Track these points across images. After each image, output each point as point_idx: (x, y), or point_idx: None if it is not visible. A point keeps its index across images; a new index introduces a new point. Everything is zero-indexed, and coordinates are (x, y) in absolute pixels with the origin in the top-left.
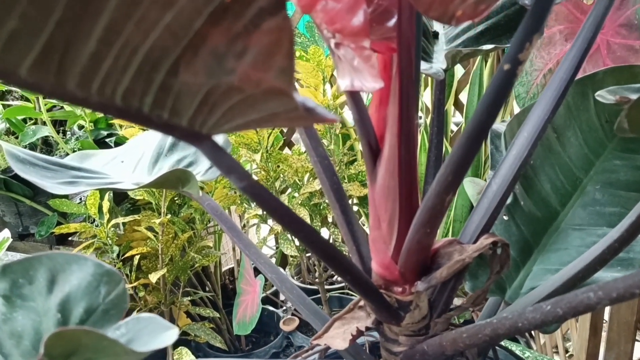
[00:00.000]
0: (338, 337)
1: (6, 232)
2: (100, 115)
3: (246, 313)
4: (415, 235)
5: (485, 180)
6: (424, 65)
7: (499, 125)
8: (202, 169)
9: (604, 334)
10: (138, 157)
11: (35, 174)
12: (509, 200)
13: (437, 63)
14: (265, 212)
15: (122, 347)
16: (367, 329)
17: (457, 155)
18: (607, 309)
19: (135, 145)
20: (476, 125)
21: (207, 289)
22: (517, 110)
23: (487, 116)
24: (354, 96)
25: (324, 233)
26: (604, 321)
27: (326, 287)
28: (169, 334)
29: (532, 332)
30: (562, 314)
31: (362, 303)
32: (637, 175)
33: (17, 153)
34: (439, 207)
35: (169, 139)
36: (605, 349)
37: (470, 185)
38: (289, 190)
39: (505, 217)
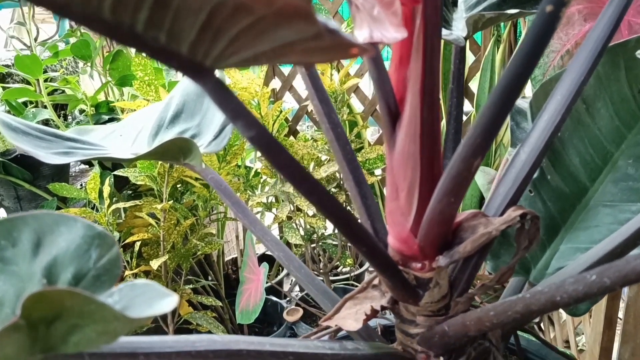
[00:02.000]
0: (350, 318)
1: (2, 212)
2: (102, 99)
3: (249, 301)
4: (438, 205)
5: (496, 169)
6: (443, 32)
7: (520, 101)
8: (205, 141)
9: (618, 327)
10: (138, 130)
11: (29, 143)
12: (534, 175)
13: (457, 31)
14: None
15: (112, 311)
16: (382, 308)
17: (488, 114)
18: (624, 300)
19: (135, 119)
20: (511, 78)
21: (210, 277)
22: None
23: (524, 68)
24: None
25: (330, 223)
26: (619, 318)
27: (331, 278)
28: (168, 301)
29: (542, 325)
30: (610, 284)
31: (376, 282)
32: None
33: (8, 121)
34: (466, 174)
35: (170, 112)
36: (620, 342)
37: (480, 175)
38: None
39: (530, 193)
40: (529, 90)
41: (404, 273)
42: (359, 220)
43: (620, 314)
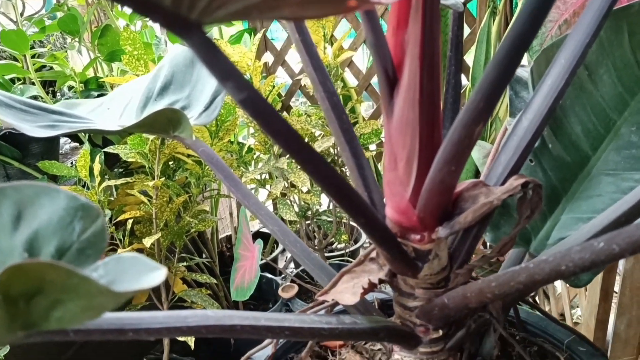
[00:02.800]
0: (347, 292)
1: None
2: (91, 75)
3: (244, 279)
4: (438, 174)
5: (491, 143)
6: None
7: (519, 70)
8: (196, 112)
9: (614, 300)
10: (125, 102)
11: (13, 116)
12: (535, 145)
13: None
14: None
15: (96, 285)
16: (380, 281)
17: (490, 77)
18: (620, 273)
19: (123, 92)
20: (516, 36)
21: (204, 255)
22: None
23: (530, 25)
24: (370, 15)
25: (325, 199)
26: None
27: (326, 254)
28: (156, 275)
29: (537, 298)
30: (619, 251)
31: (373, 255)
32: None
33: None
34: (467, 141)
35: (159, 83)
36: (616, 314)
37: (475, 149)
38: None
39: (531, 162)
40: (524, 61)
41: (403, 245)
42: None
43: (616, 287)
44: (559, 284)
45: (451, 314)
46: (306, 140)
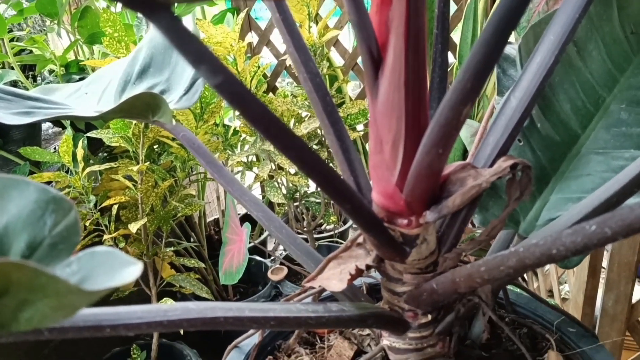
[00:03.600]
0: (334, 278)
1: None
2: (72, 58)
3: (232, 262)
4: (425, 157)
5: (479, 122)
6: None
7: (507, 47)
8: (176, 96)
9: (602, 276)
10: (103, 87)
11: None
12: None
13: None
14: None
15: (66, 284)
16: (368, 267)
17: (478, 56)
18: (608, 249)
19: (101, 75)
20: (504, 12)
21: (192, 239)
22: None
23: (518, 1)
24: None
25: (314, 184)
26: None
27: (315, 236)
28: (131, 271)
29: (525, 275)
30: (612, 235)
31: (360, 240)
32: None
33: None
34: (454, 122)
35: (137, 66)
36: (604, 290)
37: (463, 128)
38: None
39: (519, 142)
40: (512, 38)
41: (390, 230)
42: (342, 177)
43: (604, 263)
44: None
45: (440, 299)
46: (292, 121)
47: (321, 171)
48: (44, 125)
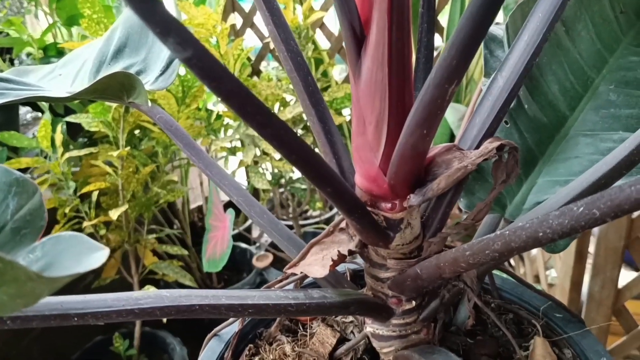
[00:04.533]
0: (316, 264)
1: None
2: (50, 41)
3: (216, 250)
4: (409, 138)
5: (466, 106)
6: None
7: (493, 28)
8: (152, 77)
9: (589, 261)
10: (78, 68)
11: None
12: (511, 104)
13: None
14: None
15: (25, 271)
16: (350, 253)
17: (465, 31)
18: (594, 234)
19: (76, 56)
20: None
21: (175, 226)
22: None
23: None
24: None
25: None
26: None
27: (300, 222)
28: (97, 256)
29: (511, 260)
30: (600, 216)
31: (343, 225)
32: None
33: None
34: (440, 102)
35: (113, 46)
36: (591, 275)
37: (450, 112)
38: None
39: (506, 124)
40: (499, 18)
41: (373, 214)
42: (324, 158)
43: (591, 249)
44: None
45: (424, 285)
46: (277, 105)
47: (300, 152)
48: (22, 111)
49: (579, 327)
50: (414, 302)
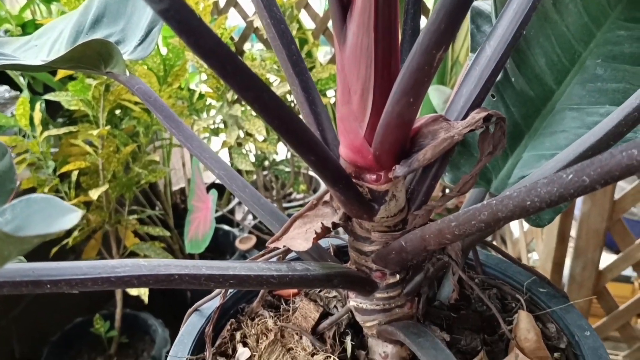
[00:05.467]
0: (299, 238)
1: None
2: (29, 18)
3: (198, 231)
4: (395, 106)
5: (452, 88)
6: None
7: (480, 2)
8: (131, 46)
9: (570, 245)
10: (54, 38)
11: None
12: (498, 77)
13: None
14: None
15: None
16: (334, 225)
17: None
18: (577, 218)
19: (52, 27)
20: None
21: (157, 208)
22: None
23: None
24: None
25: (282, 148)
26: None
27: (284, 204)
28: (70, 218)
29: (494, 242)
30: (590, 183)
31: (327, 197)
32: None
33: None
34: (427, 69)
35: (90, 15)
36: (572, 257)
37: (435, 94)
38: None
39: (493, 97)
40: None
41: (358, 186)
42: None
43: (573, 233)
44: (516, 229)
45: (409, 258)
46: None
47: (283, 117)
48: (0, 89)
49: (562, 302)
50: (398, 276)
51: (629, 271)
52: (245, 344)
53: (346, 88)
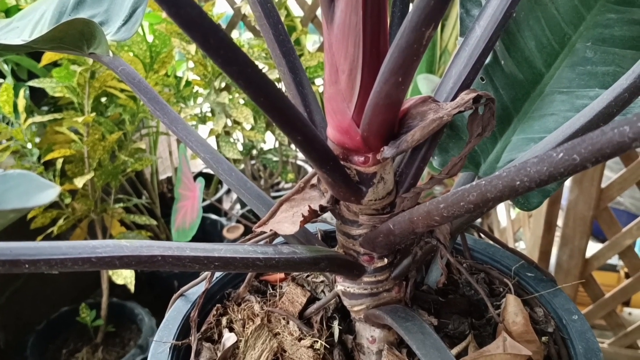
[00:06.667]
0: (286, 221)
1: None
2: (12, 3)
3: (185, 219)
4: (383, 86)
5: (440, 76)
6: None
7: None
8: (114, 27)
9: (557, 234)
10: (36, 20)
11: None
12: (487, 60)
13: None
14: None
15: None
16: (321, 209)
17: None
18: (563, 207)
19: (34, 9)
20: None
21: (144, 197)
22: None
23: None
24: None
25: (270, 137)
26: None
27: (272, 194)
28: (47, 194)
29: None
30: (580, 161)
31: (314, 181)
32: (634, 30)
33: None
34: (416, 47)
35: None
36: (559, 245)
37: (424, 83)
38: (231, 88)
39: (482, 80)
40: None
41: (345, 168)
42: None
43: (559, 222)
44: (503, 218)
45: (397, 241)
46: None
47: (269, 94)
48: None
49: (550, 286)
50: (385, 260)
51: (614, 260)
52: (231, 329)
53: (334, 67)
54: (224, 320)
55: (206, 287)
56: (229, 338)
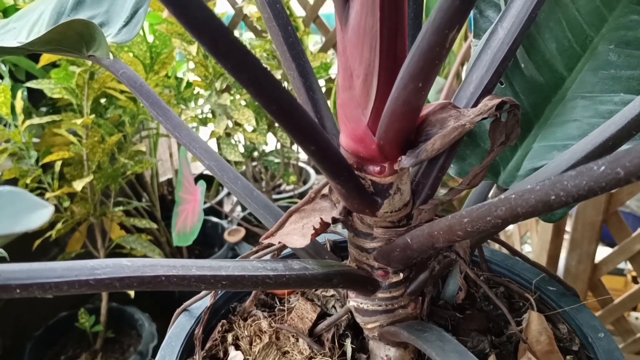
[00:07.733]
0: (296, 233)
1: None
2: (10, 3)
3: (186, 223)
4: (402, 92)
5: (445, 78)
6: None
7: None
8: (115, 29)
9: (566, 236)
10: (34, 20)
11: None
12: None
13: None
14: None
15: None
16: (334, 220)
17: None
18: (571, 213)
19: (32, 10)
20: None
21: (144, 200)
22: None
23: None
24: None
25: (271, 139)
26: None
27: (274, 196)
28: (39, 215)
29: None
30: (625, 176)
31: (325, 191)
32: None
33: None
34: (439, 50)
35: None
36: (568, 250)
37: None
38: (233, 90)
39: (501, 84)
40: None
41: (360, 178)
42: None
43: (568, 227)
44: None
45: (414, 256)
46: None
47: (282, 102)
48: None
49: (573, 301)
50: (401, 275)
51: (621, 264)
52: (237, 347)
53: (348, 72)
54: (229, 337)
55: (211, 302)
56: (235, 357)
